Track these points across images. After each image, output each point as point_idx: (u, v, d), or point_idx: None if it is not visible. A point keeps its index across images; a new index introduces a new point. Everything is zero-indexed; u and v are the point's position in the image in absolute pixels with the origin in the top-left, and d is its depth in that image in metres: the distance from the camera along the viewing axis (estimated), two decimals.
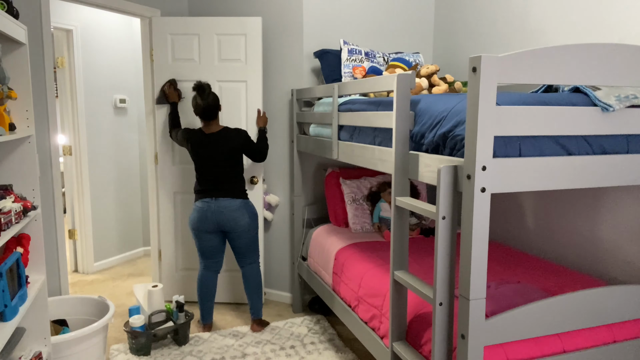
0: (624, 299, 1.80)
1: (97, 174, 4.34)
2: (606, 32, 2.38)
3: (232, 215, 3.05)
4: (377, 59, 3.38)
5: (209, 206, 3.04)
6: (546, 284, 2.27)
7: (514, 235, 3.01)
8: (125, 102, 4.53)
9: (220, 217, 3.05)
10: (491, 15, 3.15)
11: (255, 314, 3.24)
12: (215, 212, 3.04)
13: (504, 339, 1.64)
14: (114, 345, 3.01)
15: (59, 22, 3.91)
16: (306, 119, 3.23)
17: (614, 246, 2.39)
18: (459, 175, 1.61)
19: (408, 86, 1.94)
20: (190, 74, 3.45)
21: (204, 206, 3.05)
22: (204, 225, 3.07)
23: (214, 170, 3.06)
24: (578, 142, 1.67)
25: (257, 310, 3.24)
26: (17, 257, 1.90)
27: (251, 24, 3.36)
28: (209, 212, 3.04)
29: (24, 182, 2.15)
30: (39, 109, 2.90)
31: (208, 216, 3.04)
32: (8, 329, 1.74)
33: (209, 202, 3.05)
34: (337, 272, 2.85)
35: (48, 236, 2.99)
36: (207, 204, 3.05)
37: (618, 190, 2.37)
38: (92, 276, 4.27)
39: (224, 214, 3.04)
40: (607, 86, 1.68)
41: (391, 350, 2.03)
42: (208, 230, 3.08)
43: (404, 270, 2.01)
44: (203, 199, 3.08)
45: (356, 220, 3.30)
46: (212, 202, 3.05)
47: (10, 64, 2.06)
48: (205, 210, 3.04)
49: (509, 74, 1.48)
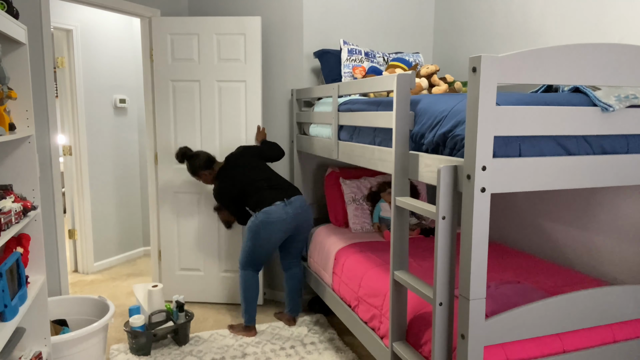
0: (624, 299, 1.80)
1: (97, 174, 4.34)
2: (606, 32, 2.38)
3: (307, 214, 3.03)
4: (377, 59, 3.38)
5: (286, 211, 2.91)
6: (546, 284, 2.27)
7: (514, 235, 3.01)
8: (125, 102, 4.53)
9: (300, 218, 2.98)
10: (491, 15, 3.15)
11: (295, 312, 3.28)
12: (295, 216, 2.94)
13: (504, 339, 1.64)
14: (114, 345, 3.01)
15: (59, 22, 3.91)
16: (306, 119, 3.23)
17: (614, 246, 2.39)
18: (459, 175, 1.61)
19: (408, 86, 1.94)
20: (190, 74, 3.45)
21: (280, 215, 2.88)
22: (282, 234, 2.95)
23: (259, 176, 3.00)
24: (578, 142, 1.67)
25: (297, 308, 3.28)
26: (17, 257, 1.90)
27: (250, 24, 3.36)
28: (289, 217, 2.92)
29: (24, 182, 2.14)
30: (39, 109, 2.90)
31: (288, 221, 2.92)
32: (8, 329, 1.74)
33: (283, 207, 2.91)
34: (337, 272, 2.85)
35: (48, 236, 2.99)
36: (283, 210, 2.90)
37: (618, 190, 2.37)
38: (92, 276, 4.27)
39: (301, 215, 2.98)
40: (607, 86, 1.68)
41: (391, 350, 2.03)
42: (283, 238, 2.99)
43: (404, 270, 2.01)
44: (272, 206, 2.90)
45: (356, 220, 3.30)
46: (287, 207, 2.92)
47: (10, 64, 2.06)
48: (283, 218, 2.90)
49: (509, 74, 1.48)
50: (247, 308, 3.11)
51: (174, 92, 3.48)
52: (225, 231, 3.57)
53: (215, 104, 3.46)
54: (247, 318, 3.13)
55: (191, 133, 3.50)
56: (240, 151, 3.15)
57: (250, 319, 3.13)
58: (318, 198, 3.69)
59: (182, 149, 3.17)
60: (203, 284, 3.64)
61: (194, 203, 3.57)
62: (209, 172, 3.14)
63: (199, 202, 3.57)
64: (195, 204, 3.57)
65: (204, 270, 3.63)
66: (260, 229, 2.91)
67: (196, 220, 3.59)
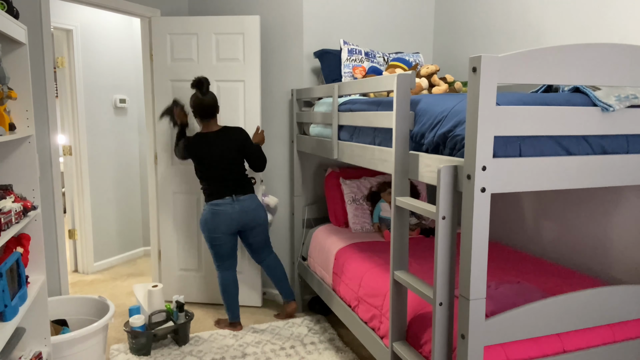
0: (624, 299, 1.80)
1: (97, 174, 4.34)
2: (606, 32, 2.38)
3: (255, 214, 3.07)
4: (377, 59, 3.38)
5: (232, 208, 2.99)
6: (546, 284, 2.27)
7: (514, 235, 3.01)
8: (125, 102, 4.53)
9: (245, 217, 3.04)
10: (491, 15, 3.15)
11: (290, 295, 3.31)
12: (240, 213, 3.02)
13: (504, 339, 1.64)
14: (114, 345, 3.01)
15: (59, 22, 3.91)
16: (306, 119, 3.23)
17: (614, 246, 2.39)
18: (459, 175, 1.61)
19: (408, 86, 1.94)
20: (189, 74, 3.44)
21: (226, 209, 2.98)
22: (227, 228, 3.02)
23: (222, 168, 3.02)
24: (578, 142, 1.67)
25: (290, 292, 3.31)
26: (17, 257, 1.90)
27: (249, 23, 3.36)
28: (234, 213, 3.00)
29: (24, 182, 2.15)
30: (39, 109, 2.90)
31: (233, 217, 3.01)
32: (8, 329, 1.74)
33: (230, 203, 3.00)
34: (337, 272, 2.85)
35: (48, 236, 2.99)
36: (229, 205, 2.99)
37: (618, 190, 2.37)
38: (92, 276, 4.27)
39: (248, 214, 3.04)
40: (607, 86, 1.68)
41: (391, 350, 2.03)
42: (231, 232, 3.06)
43: (404, 270, 2.01)
44: (221, 199, 3.00)
45: (356, 220, 3.30)
46: (234, 203, 3.00)
47: (10, 64, 2.06)
48: (229, 212, 2.99)
49: (509, 74, 1.48)
50: (228, 306, 3.20)
51: (173, 92, 3.48)
52: None
53: None
54: (230, 316, 3.22)
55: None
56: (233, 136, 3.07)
57: (234, 316, 3.21)
58: (318, 198, 3.69)
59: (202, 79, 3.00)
60: (202, 285, 3.64)
61: (194, 203, 3.57)
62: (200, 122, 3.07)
63: (198, 202, 3.57)
64: (195, 204, 3.57)
65: (204, 270, 3.63)
66: (207, 219, 3.02)
67: (196, 220, 3.59)
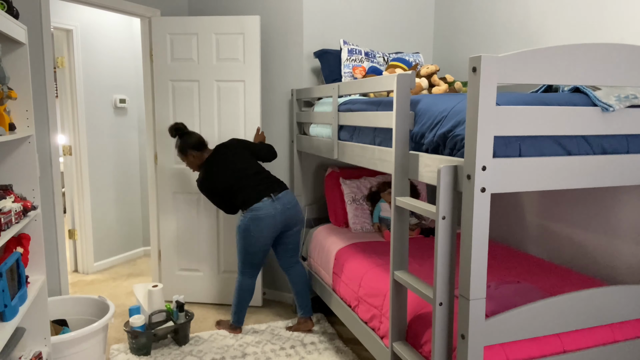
0: (624, 299, 1.80)
1: (97, 174, 4.34)
2: (606, 32, 2.38)
3: (296, 209, 2.93)
4: (377, 59, 3.38)
5: (274, 208, 2.83)
6: (546, 284, 2.27)
7: (514, 235, 3.01)
8: (125, 102, 4.53)
9: (288, 213, 2.89)
10: (491, 15, 3.15)
11: (308, 312, 3.16)
12: (283, 212, 2.86)
13: (504, 339, 1.64)
14: (114, 345, 3.01)
15: (59, 22, 3.91)
16: (306, 119, 3.23)
17: (614, 246, 2.39)
18: (459, 175, 1.61)
19: (408, 86, 1.94)
20: (189, 74, 3.45)
21: (268, 211, 2.81)
22: (273, 231, 2.87)
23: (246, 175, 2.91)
24: (578, 142, 1.67)
25: (309, 308, 3.16)
26: (17, 257, 1.90)
27: (249, 23, 3.36)
28: (277, 214, 2.84)
29: (24, 182, 2.15)
30: (39, 109, 2.90)
31: (277, 218, 2.85)
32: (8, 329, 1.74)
33: (271, 203, 2.83)
34: (337, 272, 2.85)
35: (48, 236, 2.99)
36: (271, 206, 2.82)
37: (618, 190, 2.37)
38: (92, 276, 4.27)
39: (290, 210, 2.89)
40: (607, 86, 1.68)
41: (391, 350, 2.03)
42: (272, 237, 2.91)
43: (404, 270, 2.01)
44: (260, 202, 2.83)
45: (356, 220, 3.30)
46: (275, 202, 2.84)
47: (10, 64, 2.06)
48: (272, 215, 2.82)
49: (509, 74, 1.48)
50: (237, 311, 3.14)
51: (173, 92, 3.48)
52: (224, 232, 3.57)
53: (214, 104, 3.46)
54: (235, 319, 3.16)
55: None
56: (232, 143, 3.06)
57: (239, 321, 3.16)
58: (318, 198, 3.69)
59: (178, 123, 3.04)
60: (202, 285, 3.64)
61: (194, 203, 3.57)
62: (197, 155, 3.03)
63: (198, 202, 3.57)
64: (194, 204, 3.57)
65: (203, 270, 3.63)
66: (249, 226, 2.86)
67: (196, 220, 3.59)
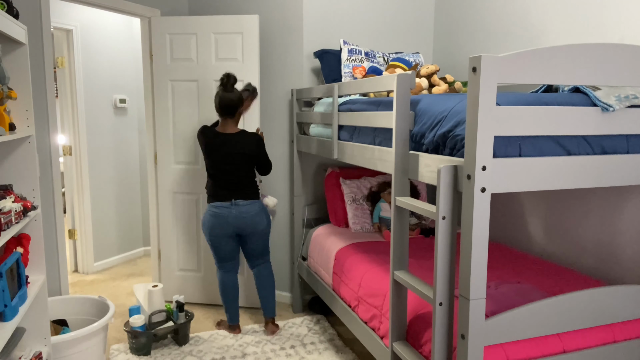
0: (624, 299, 1.80)
1: (97, 174, 4.34)
2: (606, 32, 2.38)
3: (253, 220, 3.01)
4: (377, 59, 3.38)
5: (229, 212, 2.96)
6: (546, 284, 2.27)
7: (514, 235, 3.01)
8: (125, 102, 4.53)
9: (241, 222, 2.99)
10: (491, 15, 3.15)
11: (271, 313, 3.19)
12: (236, 218, 2.97)
13: (504, 339, 1.64)
14: (114, 345, 3.01)
15: (59, 22, 3.91)
16: (306, 119, 3.23)
17: (614, 246, 2.39)
18: (459, 175, 1.61)
19: (408, 86, 1.94)
20: (188, 74, 3.44)
21: (223, 212, 2.96)
22: (223, 231, 3.00)
23: (228, 172, 2.97)
24: (578, 142, 1.67)
25: (273, 309, 3.19)
26: (17, 257, 1.90)
27: (248, 22, 3.35)
28: (230, 217, 2.97)
29: (24, 182, 2.15)
30: (39, 109, 2.90)
31: (229, 221, 2.97)
32: (8, 329, 1.74)
33: (228, 207, 2.96)
34: (337, 272, 2.85)
35: (48, 236, 2.99)
36: (227, 209, 2.96)
37: (619, 190, 2.37)
38: (92, 276, 4.27)
39: (245, 220, 2.99)
40: (607, 86, 1.68)
41: (391, 350, 2.03)
42: (228, 235, 3.03)
43: (404, 270, 2.01)
44: (220, 202, 2.98)
45: (356, 220, 3.30)
46: (232, 208, 2.97)
47: (10, 64, 2.06)
48: (225, 216, 2.96)
49: (509, 74, 1.48)
50: (227, 308, 3.16)
51: (173, 92, 3.48)
52: None
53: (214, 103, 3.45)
54: (228, 317, 3.17)
55: (190, 133, 3.50)
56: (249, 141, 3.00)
57: (232, 318, 3.16)
58: (318, 198, 3.69)
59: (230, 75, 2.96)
60: (203, 285, 3.64)
61: (194, 203, 3.57)
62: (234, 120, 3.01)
63: (198, 203, 3.57)
64: (194, 204, 3.57)
65: (204, 270, 3.63)
66: (206, 220, 3.03)
67: (196, 220, 3.59)
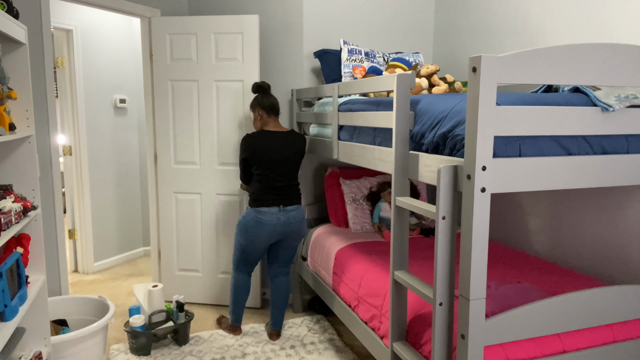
0: (624, 299, 1.80)
1: (97, 174, 4.34)
2: (606, 32, 2.38)
3: (299, 226, 2.98)
4: (377, 59, 3.38)
5: (278, 219, 2.89)
6: (546, 284, 2.27)
7: (514, 235, 3.01)
8: (125, 102, 4.53)
9: (288, 228, 2.94)
10: (491, 15, 3.15)
11: (280, 326, 3.14)
12: (285, 224, 2.91)
13: (504, 339, 1.64)
14: (114, 345, 3.01)
15: (59, 22, 3.91)
16: (306, 119, 3.23)
17: (614, 246, 2.39)
18: (459, 175, 1.61)
19: (408, 86, 1.94)
20: (188, 74, 3.44)
21: (271, 219, 2.87)
22: (268, 239, 2.93)
23: (279, 173, 2.89)
24: (578, 142, 1.67)
25: (282, 322, 3.15)
26: (17, 257, 1.90)
27: (248, 22, 3.35)
28: (279, 225, 2.90)
29: (24, 182, 2.15)
30: (39, 109, 2.90)
31: (277, 229, 2.91)
32: (8, 329, 1.74)
33: (277, 213, 2.88)
34: (337, 272, 2.85)
35: (48, 236, 2.99)
36: (275, 215, 2.88)
37: (619, 190, 2.37)
38: (92, 276, 4.27)
39: (292, 226, 2.94)
40: (607, 86, 1.68)
41: (391, 350, 2.03)
42: (269, 242, 2.97)
43: (404, 270, 2.01)
44: (267, 208, 2.88)
45: (356, 220, 3.30)
46: (280, 214, 2.90)
47: (10, 64, 2.06)
48: (273, 224, 2.88)
49: (509, 74, 1.48)
50: (234, 309, 3.13)
51: (172, 92, 3.48)
52: (224, 232, 3.57)
53: (213, 103, 3.46)
54: (233, 318, 3.15)
55: (190, 133, 3.50)
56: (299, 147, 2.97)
57: (237, 320, 3.15)
58: (318, 198, 3.68)
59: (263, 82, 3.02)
60: (202, 285, 3.64)
61: (194, 203, 3.57)
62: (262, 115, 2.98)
63: (198, 202, 3.57)
64: (194, 204, 3.57)
65: (202, 271, 3.63)
66: (249, 226, 2.90)
67: (196, 220, 3.59)
